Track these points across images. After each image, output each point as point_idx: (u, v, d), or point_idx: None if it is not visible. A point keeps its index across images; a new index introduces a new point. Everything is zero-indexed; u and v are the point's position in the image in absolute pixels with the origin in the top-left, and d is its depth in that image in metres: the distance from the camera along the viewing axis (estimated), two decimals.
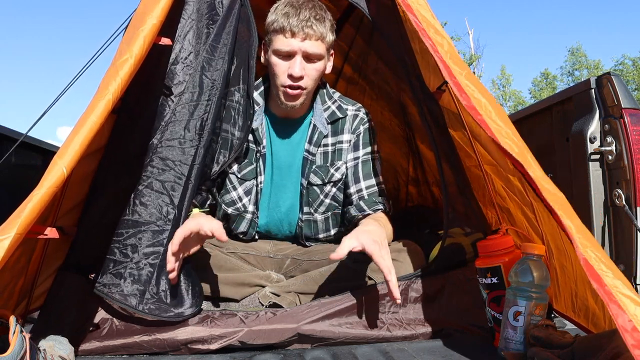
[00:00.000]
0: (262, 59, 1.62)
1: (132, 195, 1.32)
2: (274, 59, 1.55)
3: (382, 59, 2.56)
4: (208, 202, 1.59)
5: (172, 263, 1.27)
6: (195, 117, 1.37)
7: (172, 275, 1.28)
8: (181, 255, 1.30)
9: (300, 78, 1.53)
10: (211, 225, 1.28)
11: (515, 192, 1.42)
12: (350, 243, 1.25)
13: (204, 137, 1.38)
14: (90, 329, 1.27)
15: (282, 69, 1.54)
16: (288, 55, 1.53)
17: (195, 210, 1.45)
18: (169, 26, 1.32)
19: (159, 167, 1.34)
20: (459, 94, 1.23)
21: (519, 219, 1.46)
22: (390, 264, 1.26)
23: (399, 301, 1.28)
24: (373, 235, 1.30)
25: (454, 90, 1.25)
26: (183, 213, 1.34)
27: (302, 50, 1.51)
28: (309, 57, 1.53)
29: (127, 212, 1.32)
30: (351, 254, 1.28)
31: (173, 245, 1.26)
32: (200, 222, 1.29)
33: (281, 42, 1.51)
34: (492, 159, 1.50)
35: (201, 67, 1.39)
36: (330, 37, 1.56)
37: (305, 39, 1.50)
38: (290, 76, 1.53)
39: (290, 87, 1.55)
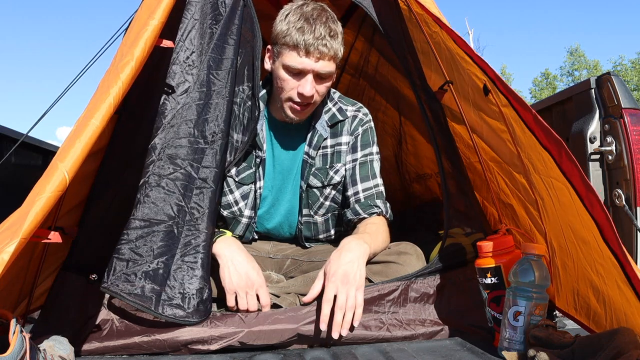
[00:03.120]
0: (267, 65, 1.58)
1: (142, 195, 1.31)
2: (283, 74, 1.51)
3: (384, 57, 2.56)
4: None
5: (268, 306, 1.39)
6: (204, 117, 1.36)
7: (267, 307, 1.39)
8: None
9: (311, 97, 1.52)
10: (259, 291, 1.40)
11: (519, 189, 1.42)
12: (319, 286, 1.34)
13: (217, 138, 1.37)
14: (91, 329, 1.27)
15: (291, 85, 1.51)
16: (299, 73, 1.50)
17: (228, 234, 1.46)
18: (171, 28, 1.32)
19: (169, 166, 1.33)
20: (487, 71, 1.24)
21: (521, 216, 1.46)
22: (328, 294, 1.29)
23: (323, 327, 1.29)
24: (346, 273, 1.31)
25: (483, 67, 1.26)
26: (205, 214, 1.33)
27: (314, 70, 1.48)
28: (320, 77, 1.51)
29: (137, 212, 1.30)
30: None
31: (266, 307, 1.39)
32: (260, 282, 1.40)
33: (294, 60, 1.47)
34: (496, 156, 1.50)
35: (207, 67, 1.38)
36: (341, 52, 1.52)
37: (320, 59, 1.46)
38: (301, 95, 1.50)
39: (300, 104, 1.53)
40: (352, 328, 1.30)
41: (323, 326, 1.27)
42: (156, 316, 1.26)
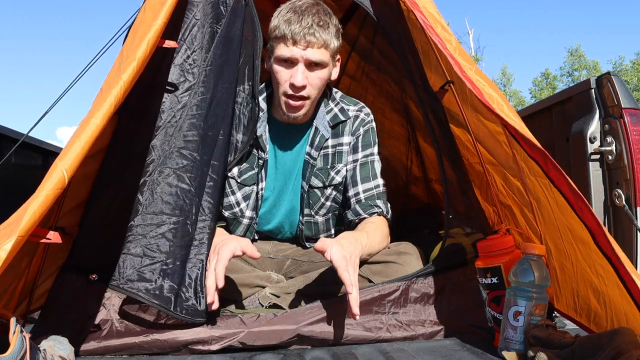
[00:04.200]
0: (266, 65, 1.59)
1: (151, 191, 1.30)
2: (276, 67, 1.52)
3: (385, 58, 2.56)
4: None
5: (212, 295, 1.25)
6: (211, 112, 1.36)
7: (215, 306, 1.27)
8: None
9: (303, 87, 1.50)
10: (240, 244, 1.31)
11: (514, 192, 1.42)
12: (324, 245, 1.29)
13: (221, 134, 1.37)
14: (91, 329, 1.27)
15: (284, 77, 1.51)
16: (290, 63, 1.50)
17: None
18: (173, 28, 1.32)
19: (180, 160, 1.32)
20: (472, 88, 1.22)
21: (519, 217, 1.46)
22: (354, 279, 1.27)
23: (357, 317, 1.27)
24: (345, 250, 1.31)
25: (466, 85, 1.25)
26: (213, 211, 1.32)
27: (304, 58, 1.48)
28: (311, 65, 1.50)
29: (148, 208, 1.29)
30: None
31: (220, 281, 1.26)
32: (231, 246, 1.30)
33: (282, 50, 1.48)
34: (492, 158, 1.50)
35: (210, 65, 1.38)
36: (335, 43, 1.52)
37: (308, 47, 1.47)
38: (292, 85, 1.50)
39: (292, 97, 1.52)
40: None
41: (356, 309, 1.24)
42: (172, 317, 1.25)
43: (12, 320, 0.94)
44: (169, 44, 1.30)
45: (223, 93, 1.39)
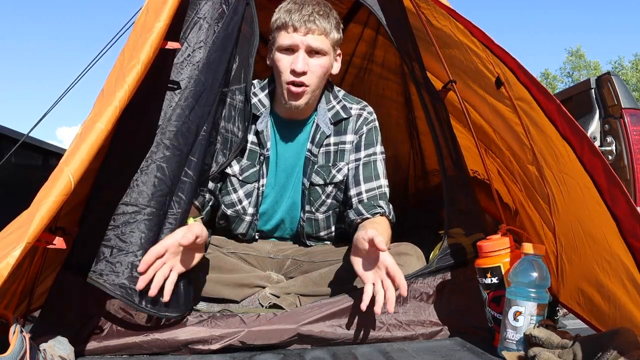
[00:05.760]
0: (268, 60, 1.62)
1: (134, 180, 1.29)
2: (277, 55, 1.55)
3: (387, 58, 2.56)
4: (210, 204, 1.58)
5: (143, 282, 1.19)
6: (197, 111, 1.36)
7: (152, 292, 1.20)
8: (170, 271, 1.23)
9: (303, 73, 1.52)
10: (175, 237, 1.23)
11: (533, 183, 1.41)
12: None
13: (205, 130, 1.37)
14: (91, 329, 1.27)
15: (285, 65, 1.53)
16: (291, 50, 1.52)
17: (190, 220, 1.41)
18: (175, 29, 1.32)
19: (163, 152, 1.32)
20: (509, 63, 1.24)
21: (531, 211, 1.45)
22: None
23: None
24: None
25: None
26: (182, 204, 1.31)
27: (304, 44, 1.50)
28: (312, 52, 1.53)
29: (125, 197, 1.27)
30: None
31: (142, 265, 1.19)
32: (169, 241, 1.23)
33: (283, 38, 1.52)
34: (510, 149, 1.48)
35: (208, 62, 1.39)
36: (336, 34, 1.55)
37: (308, 33, 1.50)
38: (293, 72, 1.51)
39: (294, 83, 1.53)
40: None
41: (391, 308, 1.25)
42: (138, 310, 1.24)
43: (12, 320, 0.94)
44: (171, 45, 1.30)
45: (213, 91, 1.39)
